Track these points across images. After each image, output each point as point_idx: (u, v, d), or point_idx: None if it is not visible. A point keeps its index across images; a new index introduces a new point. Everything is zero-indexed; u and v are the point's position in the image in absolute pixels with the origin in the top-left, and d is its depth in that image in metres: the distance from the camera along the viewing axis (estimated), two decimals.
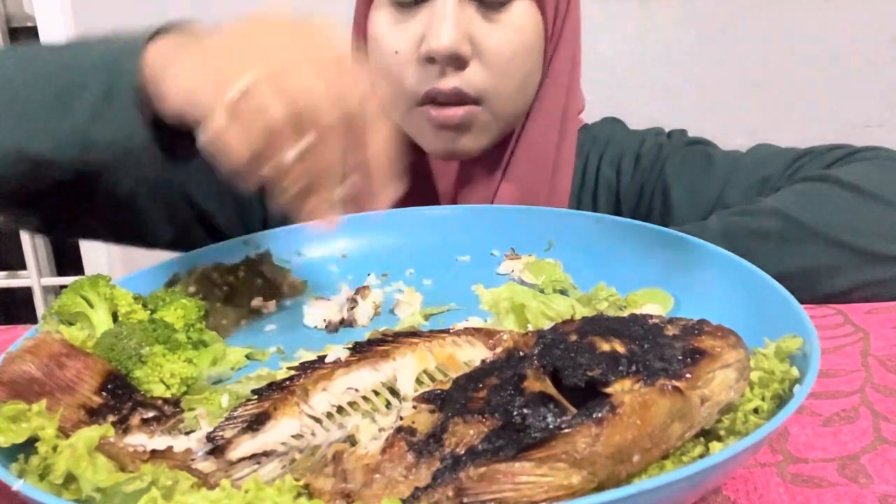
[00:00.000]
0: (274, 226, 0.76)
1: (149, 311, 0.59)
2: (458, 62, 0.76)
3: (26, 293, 2.07)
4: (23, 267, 2.03)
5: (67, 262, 2.05)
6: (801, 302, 0.51)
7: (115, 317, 0.58)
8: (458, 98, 0.77)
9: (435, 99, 0.77)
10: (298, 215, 0.53)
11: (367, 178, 0.53)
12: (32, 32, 1.84)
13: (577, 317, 0.48)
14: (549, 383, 0.40)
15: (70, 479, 0.39)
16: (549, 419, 0.38)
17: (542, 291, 0.63)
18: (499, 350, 0.46)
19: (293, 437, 0.43)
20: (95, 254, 1.97)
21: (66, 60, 0.61)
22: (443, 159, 0.85)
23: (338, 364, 0.47)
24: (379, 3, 0.80)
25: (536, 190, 0.86)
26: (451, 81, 0.76)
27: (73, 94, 0.58)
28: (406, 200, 0.64)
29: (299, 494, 0.39)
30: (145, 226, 0.84)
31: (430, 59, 0.75)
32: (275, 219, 0.85)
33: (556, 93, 0.85)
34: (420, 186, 0.88)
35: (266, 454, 0.42)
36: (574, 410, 0.38)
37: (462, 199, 0.87)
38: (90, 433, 0.41)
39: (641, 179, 0.87)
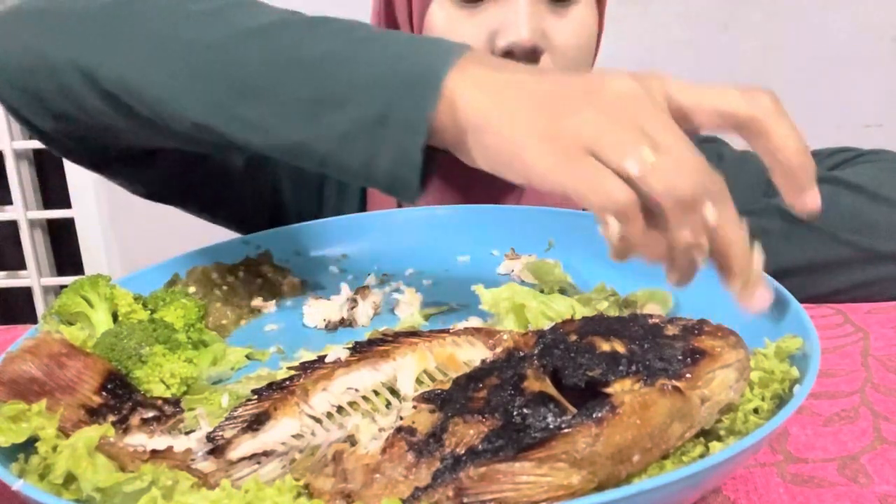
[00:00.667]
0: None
1: (149, 311, 0.59)
2: (533, 55, 0.75)
3: (26, 293, 2.07)
4: (23, 267, 2.03)
5: (67, 262, 2.05)
6: (802, 300, 0.51)
7: (115, 317, 0.58)
8: None
9: None
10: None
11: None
12: None
13: (577, 317, 0.48)
14: (549, 383, 0.40)
15: (70, 479, 0.39)
16: (549, 419, 0.38)
17: (542, 291, 0.63)
18: (499, 350, 0.46)
19: (293, 437, 0.43)
20: (95, 254, 1.97)
21: (317, 58, 0.50)
22: None
23: (338, 364, 0.46)
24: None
25: None
26: None
27: (321, 105, 0.49)
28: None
29: (299, 494, 0.39)
30: (235, 200, 0.87)
31: (507, 53, 0.75)
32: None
33: None
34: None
35: (266, 454, 0.42)
36: (574, 410, 0.38)
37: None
38: (90, 433, 0.41)
39: None
